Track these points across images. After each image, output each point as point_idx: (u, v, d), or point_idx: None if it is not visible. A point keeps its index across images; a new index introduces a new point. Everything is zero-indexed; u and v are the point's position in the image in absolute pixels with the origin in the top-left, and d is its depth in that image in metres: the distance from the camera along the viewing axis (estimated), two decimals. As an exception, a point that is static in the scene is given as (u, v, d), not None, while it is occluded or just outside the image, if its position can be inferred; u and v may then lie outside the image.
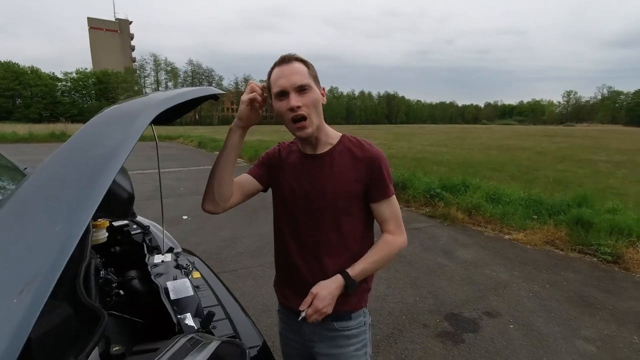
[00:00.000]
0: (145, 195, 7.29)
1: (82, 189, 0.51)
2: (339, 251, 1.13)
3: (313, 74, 1.07)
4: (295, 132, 1.07)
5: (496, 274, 3.76)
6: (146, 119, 0.65)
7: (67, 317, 0.62)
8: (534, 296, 3.29)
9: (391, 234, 1.14)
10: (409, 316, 2.95)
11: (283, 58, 1.05)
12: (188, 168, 11.60)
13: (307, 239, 1.15)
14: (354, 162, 1.11)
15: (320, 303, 1.05)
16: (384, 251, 1.13)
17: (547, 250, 4.45)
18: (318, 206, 1.12)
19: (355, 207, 1.13)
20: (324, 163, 1.12)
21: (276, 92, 1.04)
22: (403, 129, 57.58)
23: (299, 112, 1.02)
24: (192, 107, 1.15)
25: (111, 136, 0.60)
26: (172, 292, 1.19)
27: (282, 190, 1.18)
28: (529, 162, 12.70)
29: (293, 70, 1.03)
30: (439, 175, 7.80)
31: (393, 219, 1.14)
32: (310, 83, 1.04)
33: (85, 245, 0.95)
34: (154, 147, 6.15)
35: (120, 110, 0.71)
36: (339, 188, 1.10)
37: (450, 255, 4.27)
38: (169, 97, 0.76)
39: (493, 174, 9.41)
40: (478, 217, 5.54)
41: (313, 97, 1.04)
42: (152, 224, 1.91)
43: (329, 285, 1.07)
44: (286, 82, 1.02)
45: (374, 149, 1.13)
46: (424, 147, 18.67)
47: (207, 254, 4.15)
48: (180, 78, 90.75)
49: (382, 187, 1.11)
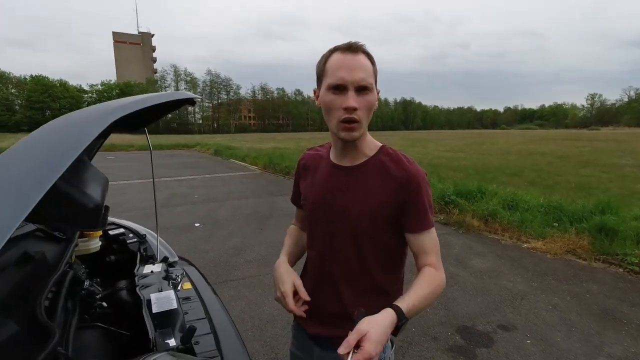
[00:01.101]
0: (160, 202, 7.38)
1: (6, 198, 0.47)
2: (358, 279, 1.00)
3: (376, 73, 0.93)
4: (339, 132, 0.92)
5: (513, 285, 3.59)
6: (99, 125, 0.61)
7: (11, 335, 0.57)
8: (553, 309, 3.11)
9: (435, 269, 0.95)
10: (419, 328, 2.83)
11: (350, 45, 0.89)
12: (203, 176, 11.72)
13: (325, 260, 1.04)
14: (386, 180, 0.95)
15: (373, 347, 0.76)
16: (432, 286, 0.92)
17: (568, 260, 4.23)
18: (339, 225, 0.99)
19: (382, 232, 0.97)
20: (354, 177, 0.98)
21: (332, 84, 0.88)
22: (419, 134, 56.98)
23: (353, 114, 0.88)
24: (167, 112, 1.11)
25: (56, 142, 0.56)
26: (155, 304, 1.14)
27: (306, 202, 1.09)
28: (550, 167, 12.29)
29: (359, 63, 0.88)
30: (454, 181, 7.61)
31: (435, 252, 0.97)
32: (373, 84, 0.91)
33: (54, 259, 0.92)
34: (169, 156, 6.30)
35: (74, 117, 0.67)
36: (365, 208, 0.95)
37: (464, 264, 4.12)
38: (132, 102, 0.72)
39: (511, 179, 9.13)
40: (494, 224, 5.35)
41: (371, 101, 0.91)
42: (148, 233, 1.88)
43: (381, 322, 0.80)
44: (349, 76, 0.86)
45: (413, 168, 0.95)
46: (440, 153, 18.37)
47: (216, 262, 4.14)
48: (199, 88, 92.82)
49: (419, 215, 0.94)
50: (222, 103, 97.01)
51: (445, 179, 8.44)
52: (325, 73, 0.92)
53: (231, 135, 54.40)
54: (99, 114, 0.64)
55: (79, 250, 1.47)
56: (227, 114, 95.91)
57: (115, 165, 14.41)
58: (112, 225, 1.86)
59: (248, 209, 6.78)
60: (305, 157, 1.15)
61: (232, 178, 11.17)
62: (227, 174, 12.21)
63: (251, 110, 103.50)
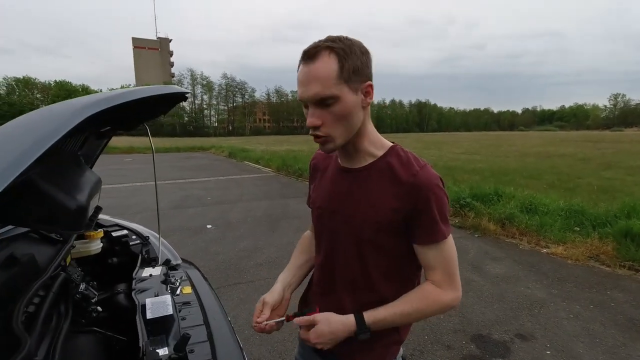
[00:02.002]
0: (173, 204, 7.44)
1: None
2: (362, 290, 0.94)
3: (349, 69, 0.78)
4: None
5: (531, 292, 3.44)
6: (74, 118, 0.56)
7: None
8: (575, 318, 2.96)
9: (436, 286, 0.89)
10: (432, 336, 2.72)
11: (307, 51, 0.79)
12: (217, 178, 11.80)
13: (329, 267, 0.99)
14: (393, 185, 0.86)
15: (314, 336, 0.86)
16: (418, 304, 0.88)
17: (591, 266, 4.04)
18: (342, 232, 0.93)
19: (389, 241, 0.89)
20: (359, 180, 0.91)
21: (299, 100, 0.83)
22: (434, 136, 56.27)
23: (317, 132, 0.82)
24: (162, 110, 1.06)
25: (23, 135, 0.52)
26: (150, 310, 1.10)
27: (314, 205, 1.04)
28: (570, 169, 11.90)
29: (313, 75, 0.77)
30: (469, 184, 7.43)
31: (442, 268, 0.88)
32: (336, 92, 0.77)
33: (44, 262, 0.88)
34: (185, 158, 6.34)
35: (52, 108, 0.63)
36: (369, 215, 0.87)
37: (480, 269, 3.97)
38: (116, 95, 0.68)
39: (529, 182, 8.86)
40: (512, 228, 5.17)
41: (339, 111, 0.79)
42: (151, 234, 1.85)
43: (335, 323, 0.86)
44: (304, 92, 0.79)
45: (424, 173, 0.84)
46: (456, 155, 18.05)
47: (226, 265, 4.12)
48: (215, 91, 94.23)
49: (428, 226, 0.85)
50: (237, 106, 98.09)
51: (461, 181, 8.26)
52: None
53: (246, 138, 54.94)
54: (77, 107, 0.60)
55: (79, 252, 1.44)
56: (242, 117, 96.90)
57: (133, 168, 14.68)
58: (115, 227, 1.84)
59: (260, 211, 6.76)
60: (315, 158, 1.11)
61: (246, 180, 11.21)
62: (240, 176, 12.27)
63: (266, 113, 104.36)
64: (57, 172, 0.78)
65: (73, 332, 1.11)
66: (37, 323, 0.81)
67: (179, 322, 1.12)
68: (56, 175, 0.76)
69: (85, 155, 1.37)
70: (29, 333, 0.73)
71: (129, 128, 1.16)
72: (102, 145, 1.57)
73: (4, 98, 65.54)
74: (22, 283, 0.81)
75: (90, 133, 1.05)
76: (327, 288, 1.00)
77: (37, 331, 0.79)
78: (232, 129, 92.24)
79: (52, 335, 0.95)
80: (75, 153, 1.02)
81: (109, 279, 1.57)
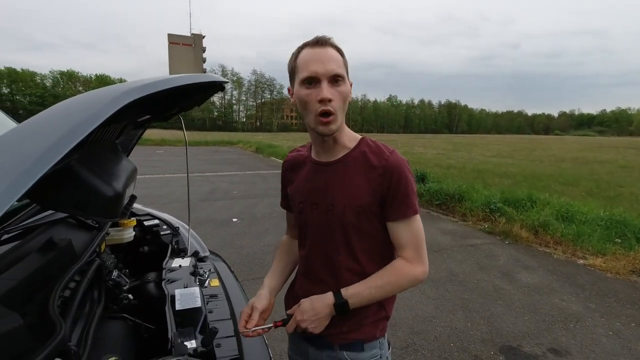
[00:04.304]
0: (202, 196, 7.60)
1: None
2: (351, 275, 0.98)
3: (346, 65, 0.94)
4: (317, 127, 0.92)
5: (566, 304, 3.26)
6: (111, 106, 0.55)
7: (11, 329, 0.53)
8: (614, 335, 2.77)
9: (406, 261, 0.96)
10: (458, 344, 2.63)
11: (318, 40, 0.90)
12: (244, 172, 11.98)
13: (315, 258, 1.03)
14: (367, 171, 0.95)
15: (299, 315, 0.95)
16: (389, 277, 0.96)
17: (633, 282, 3.78)
18: (327, 221, 0.98)
19: (370, 224, 0.96)
20: (336, 171, 0.98)
21: (304, 78, 0.88)
22: (464, 138, 54.79)
23: (329, 106, 0.88)
24: (198, 101, 1.05)
25: (62, 121, 0.51)
26: (179, 301, 1.10)
27: (294, 203, 1.08)
28: (611, 177, 11.24)
29: (329, 55, 0.88)
30: (500, 189, 7.16)
31: (412, 244, 0.96)
32: (344, 74, 0.91)
33: (80, 247, 0.89)
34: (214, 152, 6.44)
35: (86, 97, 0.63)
36: (349, 201, 0.95)
37: (511, 277, 3.81)
38: (155, 82, 0.66)
39: (565, 189, 8.44)
40: (546, 236, 4.93)
41: (345, 91, 0.91)
42: (181, 225, 1.87)
43: (316, 301, 0.95)
44: (320, 68, 0.87)
45: (394, 157, 0.95)
46: (486, 158, 17.48)
47: (250, 258, 4.15)
48: (244, 87, 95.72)
49: (399, 203, 0.93)
50: (265, 102, 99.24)
51: (491, 185, 7.97)
52: (297, 69, 0.92)
53: (273, 134, 55.51)
54: (118, 93, 0.59)
55: (113, 240, 1.47)
56: (270, 113, 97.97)
57: (164, 159, 15.14)
58: (147, 216, 1.87)
59: (285, 207, 6.80)
60: (288, 160, 1.15)
61: (272, 175, 11.31)
62: (266, 171, 12.39)
63: (293, 109, 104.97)
64: (96, 159, 0.79)
65: (104, 318, 1.13)
66: (72, 308, 0.82)
67: (207, 315, 1.12)
68: (94, 162, 0.76)
69: (121, 144, 1.39)
70: (63, 318, 0.74)
71: (165, 118, 1.16)
72: (138, 135, 1.60)
73: (49, 90, 69.37)
74: (60, 267, 0.83)
75: (129, 122, 1.06)
76: (315, 278, 1.04)
77: (72, 316, 0.80)
78: (259, 124, 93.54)
79: (85, 320, 0.96)
80: (113, 141, 1.03)
81: (139, 267, 1.60)
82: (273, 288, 1.14)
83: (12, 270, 0.70)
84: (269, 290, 1.11)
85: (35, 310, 0.67)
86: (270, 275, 1.18)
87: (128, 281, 1.24)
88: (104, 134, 0.86)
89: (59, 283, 0.76)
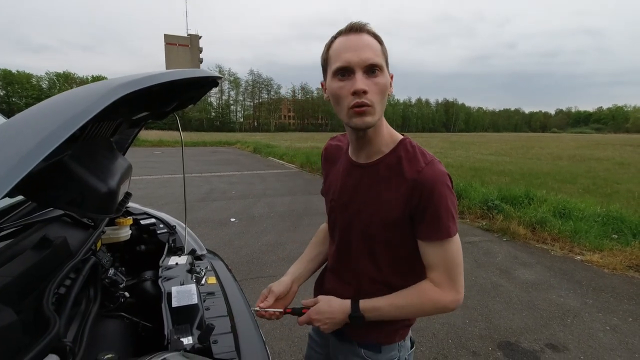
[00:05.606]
0: (200, 197, 7.59)
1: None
2: (373, 281, 0.94)
3: (385, 53, 0.83)
4: (351, 119, 0.81)
5: (564, 300, 3.27)
6: (105, 99, 0.55)
7: (5, 324, 0.53)
8: (611, 330, 2.79)
9: (434, 285, 0.87)
10: (456, 341, 2.64)
11: (352, 26, 0.80)
12: (241, 172, 11.96)
13: (342, 258, 1.01)
14: (399, 181, 0.85)
15: (314, 314, 0.95)
16: (412, 299, 0.88)
17: (630, 277, 3.80)
18: (352, 226, 0.93)
19: (399, 237, 0.88)
20: (368, 176, 0.90)
21: (337, 68, 0.79)
22: (462, 137, 54.93)
23: (363, 98, 0.77)
24: (193, 98, 1.05)
25: (53, 116, 0.51)
26: (175, 298, 1.10)
27: (327, 199, 1.04)
28: (607, 174, 11.30)
29: (364, 42, 0.78)
30: (498, 186, 7.18)
31: (442, 267, 0.85)
32: (383, 64, 0.80)
33: (75, 245, 0.89)
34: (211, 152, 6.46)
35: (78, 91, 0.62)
36: (377, 213, 0.87)
37: (508, 274, 3.82)
38: (151, 76, 0.66)
39: (563, 186, 8.47)
40: (543, 233, 4.95)
41: (383, 83, 0.79)
42: (178, 224, 1.86)
43: (334, 305, 0.93)
44: (354, 56, 0.77)
45: (429, 170, 0.82)
46: (484, 156, 17.52)
47: (248, 258, 4.15)
48: (241, 87, 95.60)
49: (428, 223, 0.83)
50: (262, 102, 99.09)
51: (489, 183, 8.00)
52: (329, 60, 0.83)
53: (271, 134, 55.44)
54: (112, 86, 0.59)
55: (109, 238, 1.47)
56: (268, 113, 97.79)
57: (162, 160, 15.09)
58: (143, 215, 1.87)
59: (283, 207, 6.79)
60: (326, 148, 1.10)
61: (269, 175, 11.30)
62: (264, 171, 12.38)
63: (291, 109, 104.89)
64: (89, 155, 0.79)
65: (101, 316, 1.13)
66: (66, 305, 0.82)
67: (203, 312, 1.12)
68: (88, 158, 0.76)
69: (117, 143, 1.39)
70: (58, 314, 0.74)
71: (160, 117, 1.16)
72: (133, 134, 1.59)
73: (45, 92, 69.13)
74: (54, 264, 0.83)
75: (124, 119, 1.05)
76: (342, 276, 1.02)
77: (67, 313, 0.80)
78: (257, 124, 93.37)
79: (81, 318, 0.96)
80: (107, 138, 1.02)
81: (136, 265, 1.60)
82: (297, 276, 1.11)
83: (7, 266, 0.70)
84: (291, 278, 1.09)
85: (29, 306, 0.67)
86: (298, 262, 1.15)
87: (124, 279, 1.24)
88: (98, 131, 0.86)
89: (53, 280, 0.76)
